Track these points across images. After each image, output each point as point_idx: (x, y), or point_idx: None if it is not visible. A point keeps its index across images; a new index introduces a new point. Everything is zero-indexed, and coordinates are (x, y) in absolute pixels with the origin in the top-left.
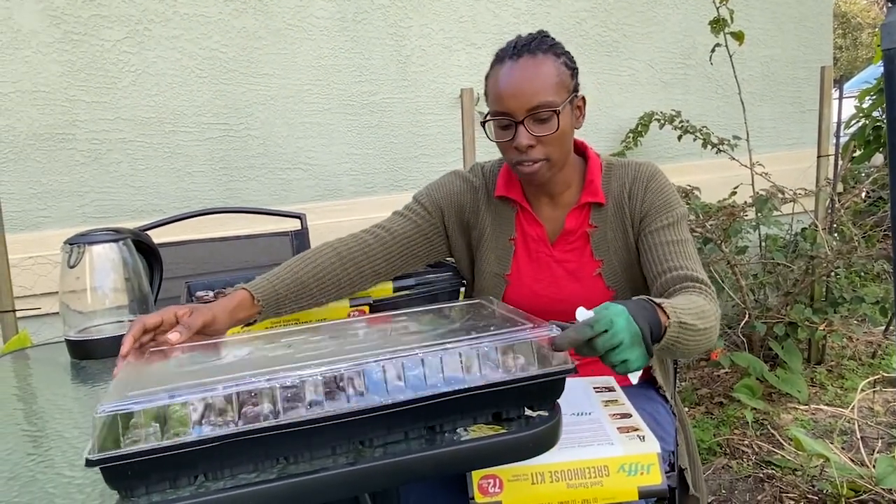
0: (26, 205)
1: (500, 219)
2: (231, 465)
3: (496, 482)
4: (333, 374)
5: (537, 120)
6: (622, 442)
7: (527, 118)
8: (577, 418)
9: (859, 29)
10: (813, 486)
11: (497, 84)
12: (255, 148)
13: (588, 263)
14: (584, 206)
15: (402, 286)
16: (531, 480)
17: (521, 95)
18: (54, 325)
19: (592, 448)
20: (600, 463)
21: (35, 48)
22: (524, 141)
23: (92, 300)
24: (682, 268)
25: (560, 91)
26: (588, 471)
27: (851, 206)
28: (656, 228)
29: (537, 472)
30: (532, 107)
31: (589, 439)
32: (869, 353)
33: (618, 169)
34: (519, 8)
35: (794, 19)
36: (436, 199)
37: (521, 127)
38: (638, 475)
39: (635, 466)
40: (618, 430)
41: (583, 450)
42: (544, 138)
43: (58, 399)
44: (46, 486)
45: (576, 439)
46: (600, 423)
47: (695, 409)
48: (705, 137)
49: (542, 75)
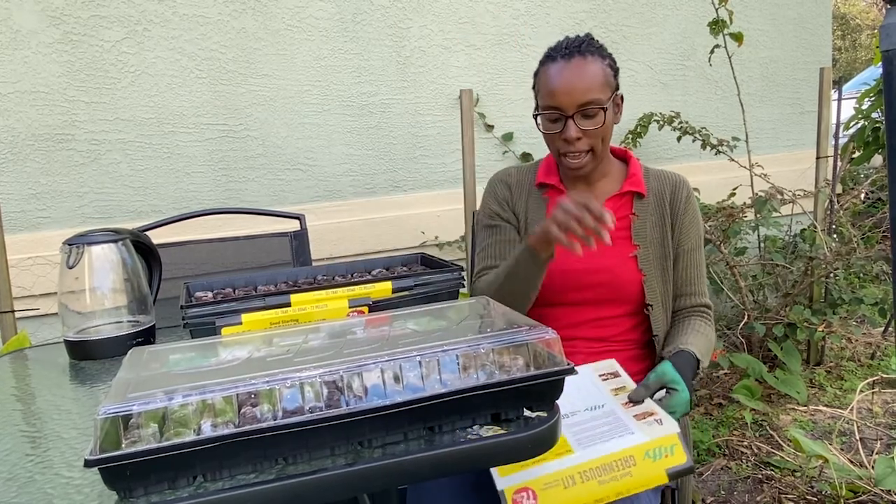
0: (25, 205)
1: (538, 205)
2: (230, 466)
3: (530, 494)
4: (332, 376)
5: (585, 115)
6: (641, 429)
7: (576, 113)
8: (592, 413)
9: (858, 30)
10: (812, 487)
11: (549, 81)
12: (254, 148)
13: (626, 246)
14: (626, 194)
15: (401, 287)
16: (563, 485)
17: (572, 93)
18: (53, 325)
19: (614, 441)
20: (626, 454)
21: (34, 48)
22: (573, 134)
23: (91, 301)
24: (699, 294)
25: (605, 89)
26: (615, 464)
27: (850, 207)
28: (689, 248)
29: (567, 476)
30: (582, 104)
31: (609, 433)
32: (868, 354)
33: (654, 173)
34: (518, 9)
35: (793, 21)
36: (499, 200)
37: (570, 121)
38: (663, 458)
39: (659, 450)
40: (634, 417)
41: (605, 444)
42: (590, 132)
43: (56, 400)
44: (45, 486)
45: (597, 435)
46: (615, 413)
47: (694, 410)
48: (704, 138)
49: (591, 74)
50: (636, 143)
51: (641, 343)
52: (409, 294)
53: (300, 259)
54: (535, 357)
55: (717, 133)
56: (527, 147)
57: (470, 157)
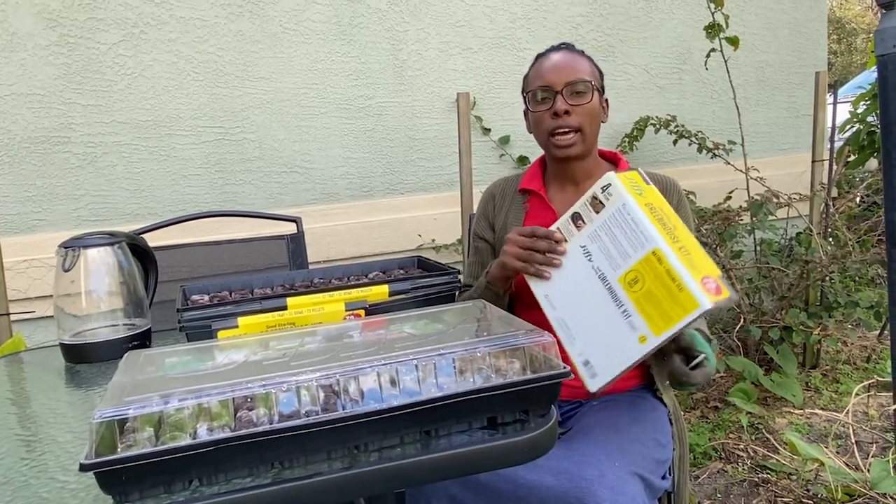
0: (21, 208)
1: (518, 212)
2: (226, 470)
3: (713, 282)
4: (328, 380)
5: (574, 92)
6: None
7: (565, 89)
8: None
9: (854, 34)
10: (808, 490)
11: (539, 67)
12: (251, 151)
13: None
14: None
15: (398, 290)
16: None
17: (561, 71)
18: (49, 328)
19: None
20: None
21: (31, 51)
22: (561, 106)
23: (87, 304)
24: None
25: (593, 76)
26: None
27: (846, 210)
28: None
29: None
30: (570, 80)
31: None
32: (863, 358)
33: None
34: (515, 13)
35: (788, 25)
36: (486, 215)
37: (559, 95)
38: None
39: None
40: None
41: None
42: (578, 108)
43: (52, 403)
44: (40, 490)
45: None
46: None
47: (690, 413)
48: (700, 142)
49: (579, 61)
50: (633, 146)
51: None
52: (406, 297)
53: (297, 262)
54: (532, 361)
55: (714, 136)
56: (523, 150)
57: (467, 160)
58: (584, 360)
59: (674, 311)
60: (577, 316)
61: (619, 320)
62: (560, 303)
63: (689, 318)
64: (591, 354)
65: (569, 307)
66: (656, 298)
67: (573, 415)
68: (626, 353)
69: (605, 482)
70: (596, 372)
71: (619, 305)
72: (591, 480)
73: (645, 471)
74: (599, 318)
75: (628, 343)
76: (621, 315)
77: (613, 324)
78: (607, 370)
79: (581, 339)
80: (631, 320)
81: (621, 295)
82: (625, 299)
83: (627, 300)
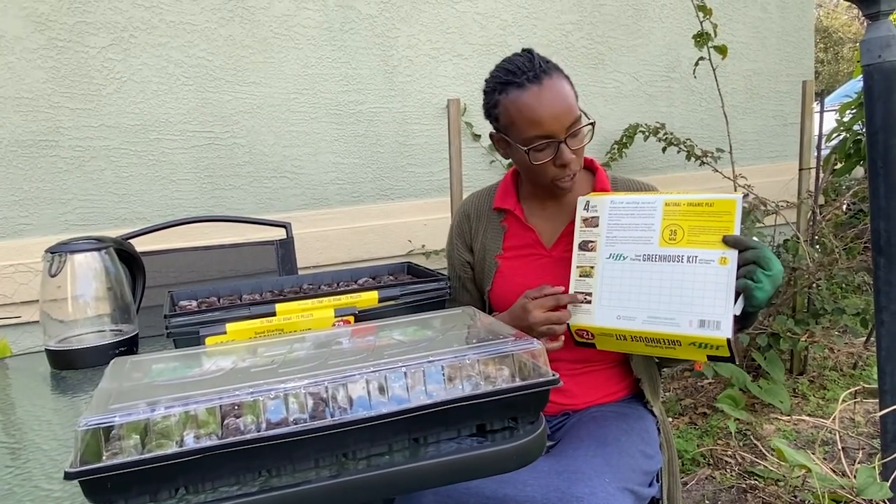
0: (7, 212)
1: (496, 233)
2: (213, 479)
3: (589, 334)
4: (317, 387)
5: (572, 136)
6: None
7: (568, 137)
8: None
9: (840, 43)
10: (795, 496)
11: (529, 110)
12: (240, 156)
13: None
14: None
15: (388, 296)
16: (615, 338)
17: (559, 117)
18: (35, 334)
19: (668, 327)
20: (674, 337)
21: (18, 54)
22: (569, 157)
23: (73, 309)
24: None
25: (577, 103)
26: (663, 341)
27: (833, 218)
28: None
29: (621, 333)
30: (570, 124)
31: (666, 319)
32: (850, 364)
33: (622, 183)
34: (506, 20)
35: (776, 34)
36: (462, 235)
37: (563, 146)
38: (707, 349)
39: (706, 345)
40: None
41: (658, 327)
42: (579, 150)
43: (37, 410)
44: (24, 499)
45: (659, 311)
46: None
47: (678, 419)
48: (689, 149)
49: (566, 92)
50: (622, 153)
51: (620, 360)
52: (396, 304)
53: (286, 268)
54: (521, 368)
55: (702, 144)
56: None
57: (457, 166)
58: (699, 321)
59: (722, 221)
60: (658, 303)
61: (691, 269)
62: (636, 311)
63: (738, 215)
64: (699, 314)
65: (645, 305)
66: (700, 227)
67: (561, 426)
68: (721, 283)
69: (596, 499)
70: (717, 320)
71: (680, 260)
72: (581, 498)
73: (634, 483)
74: (675, 284)
75: (716, 276)
76: (689, 264)
77: (690, 275)
78: (723, 311)
79: (680, 315)
80: (699, 258)
81: (674, 252)
82: (680, 252)
83: (682, 250)
